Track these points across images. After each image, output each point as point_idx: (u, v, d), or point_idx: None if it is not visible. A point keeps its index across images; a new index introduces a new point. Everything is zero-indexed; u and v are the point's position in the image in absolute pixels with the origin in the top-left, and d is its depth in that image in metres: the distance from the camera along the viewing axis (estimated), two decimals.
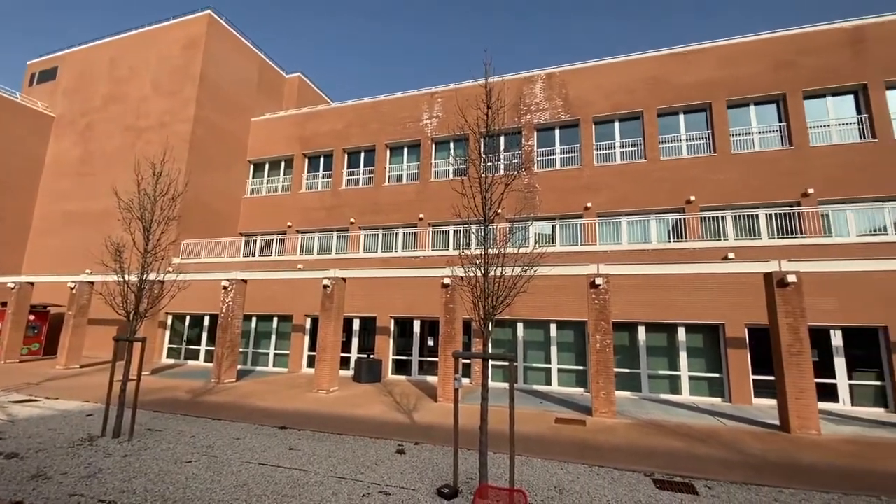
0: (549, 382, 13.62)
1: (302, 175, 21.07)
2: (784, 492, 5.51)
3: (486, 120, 5.62)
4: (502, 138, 16.17)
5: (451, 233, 16.74)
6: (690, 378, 12.47)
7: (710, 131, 15.11)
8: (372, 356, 14.98)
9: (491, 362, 14.19)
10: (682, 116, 15.69)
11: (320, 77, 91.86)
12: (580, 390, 13.08)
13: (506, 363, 4.85)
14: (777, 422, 9.17)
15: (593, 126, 16.46)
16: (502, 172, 6.00)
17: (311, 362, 15.56)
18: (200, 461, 6.10)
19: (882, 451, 7.39)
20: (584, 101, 16.61)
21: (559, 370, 13.64)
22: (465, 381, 13.70)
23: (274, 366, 16.90)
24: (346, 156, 20.46)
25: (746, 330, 12.01)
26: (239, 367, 14.63)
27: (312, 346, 16.01)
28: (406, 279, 13.94)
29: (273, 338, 17.23)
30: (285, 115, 22.73)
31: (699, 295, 12.38)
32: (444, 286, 11.67)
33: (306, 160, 21.37)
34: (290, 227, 20.10)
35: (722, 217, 14.02)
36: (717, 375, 12.27)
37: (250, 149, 22.41)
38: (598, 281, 10.28)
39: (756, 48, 15.04)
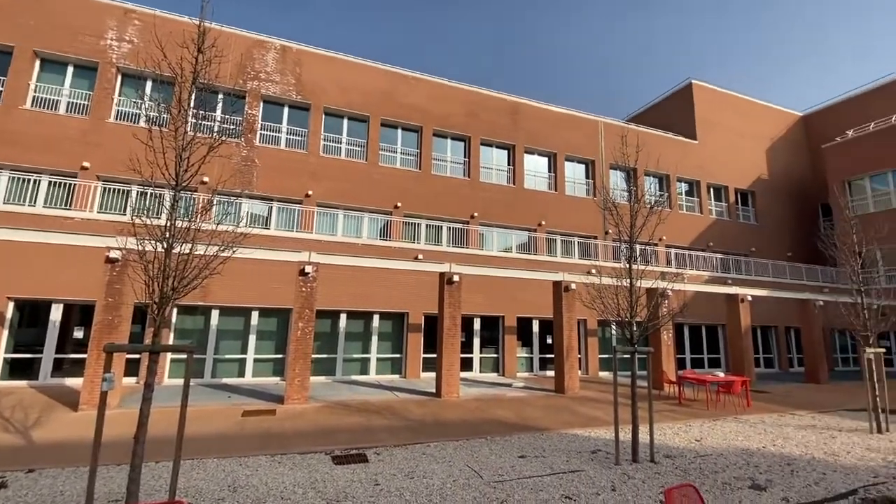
0: (242, 374, 12.69)
1: None
2: (431, 445, 6.97)
3: (193, 65, 4.68)
4: (220, 96, 14.03)
5: (135, 194, 13.19)
6: (378, 359, 14.27)
7: (419, 151, 17.74)
8: None
9: (172, 356, 12.01)
10: (400, 132, 17.77)
11: None
12: (276, 379, 12.78)
13: (185, 356, 4.04)
14: (434, 390, 11.59)
15: (324, 115, 16.50)
16: (215, 134, 5.11)
17: None
18: None
19: (493, 404, 10.44)
20: (318, 87, 16.40)
21: (255, 360, 12.94)
22: (130, 380, 11.06)
23: None
24: None
25: (423, 317, 14.72)
26: None
27: None
28: (46, 246, 10.05)
29: None
30: None
31: (395, 287, 14.34)
32: (111, 260, 9.07)
33: None
34: None
35: (418, 224, 16.67)
36: (398, 356, 14.52)
37: None
38: (308, 269, 10.32)
39: (456, 94, 18.71)
